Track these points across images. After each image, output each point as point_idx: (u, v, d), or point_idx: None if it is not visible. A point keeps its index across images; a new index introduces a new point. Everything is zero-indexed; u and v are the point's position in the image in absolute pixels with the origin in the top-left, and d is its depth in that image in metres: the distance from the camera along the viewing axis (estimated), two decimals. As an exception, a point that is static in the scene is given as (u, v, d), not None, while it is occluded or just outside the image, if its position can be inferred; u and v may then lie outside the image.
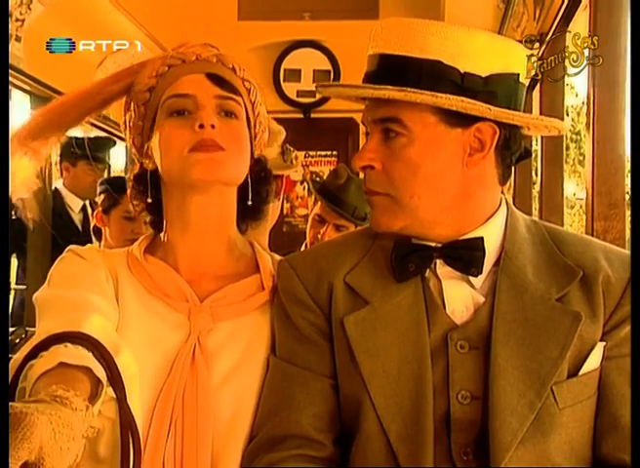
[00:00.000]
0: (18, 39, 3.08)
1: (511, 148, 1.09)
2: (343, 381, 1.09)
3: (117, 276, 1.17)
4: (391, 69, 1.06)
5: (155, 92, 1.17)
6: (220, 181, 1.15)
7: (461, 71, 1.04)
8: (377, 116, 1.07)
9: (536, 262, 1.09)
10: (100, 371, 0.87)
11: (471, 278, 1.08)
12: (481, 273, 1.07)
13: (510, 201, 1.15)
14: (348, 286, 1.10)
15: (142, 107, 1.18)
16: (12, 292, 3.85)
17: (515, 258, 1.09)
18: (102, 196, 2.63)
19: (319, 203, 2.58)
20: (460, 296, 1.08)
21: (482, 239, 1.07)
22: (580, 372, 1.05)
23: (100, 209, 2.62)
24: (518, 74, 1.08)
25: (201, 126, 1.12)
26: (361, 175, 1.14)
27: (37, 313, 1.10)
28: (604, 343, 1.06)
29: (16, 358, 0.91)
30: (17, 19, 3.05)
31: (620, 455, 1.04)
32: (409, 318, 1.07)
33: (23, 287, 3.82)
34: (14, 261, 3.94)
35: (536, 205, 3.56)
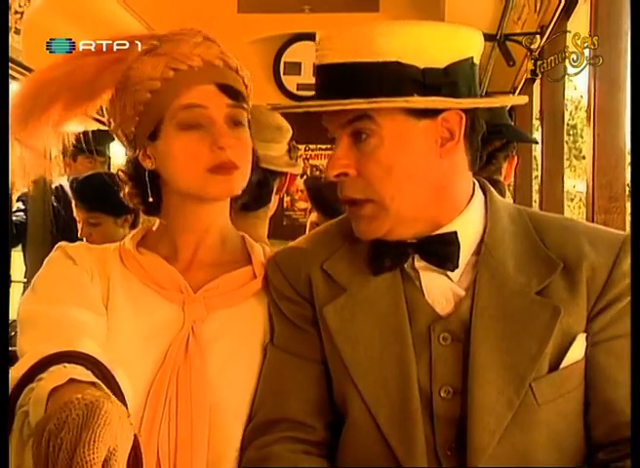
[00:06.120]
0: (17, 32, 3.08)
1: (477, 130, 1.08)
2: (331, 368, 1.10)
3: (109, 271, 1.17)
4: (349, 79, 1.03)
5: (159, 95, 1.13)
6: (232, 196, 1.18)
7: (420, 68, 1.02)
8: (345, 119, 1.05)
9: (518, 254, 1.08)
10: (105, 388, 0.84)
11: (449, 272, 1.07)
12: (457, 267, 1.07)
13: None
14: (326, 273, 1.11)
15: (141, 106, 1.14)
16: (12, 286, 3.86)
17: (495, 251, 1.07)
18: None
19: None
20: (438, 288, 1.07)
21: (455, 233, 1.06)
22: (562, 365, 1.04)
23: None
24: (472, 57, 1.07)
25: (220, 148, 1.12)
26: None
27: (19, 326, 1.09)
28: (585, 334, 1.04)
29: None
30: (16, 12, 3.04)
31: (615, 440, 1.01)
32: (387, 301, 1.07)
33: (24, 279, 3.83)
34: (14, 255, 3.94)
35: (536, 198, 3.56)
